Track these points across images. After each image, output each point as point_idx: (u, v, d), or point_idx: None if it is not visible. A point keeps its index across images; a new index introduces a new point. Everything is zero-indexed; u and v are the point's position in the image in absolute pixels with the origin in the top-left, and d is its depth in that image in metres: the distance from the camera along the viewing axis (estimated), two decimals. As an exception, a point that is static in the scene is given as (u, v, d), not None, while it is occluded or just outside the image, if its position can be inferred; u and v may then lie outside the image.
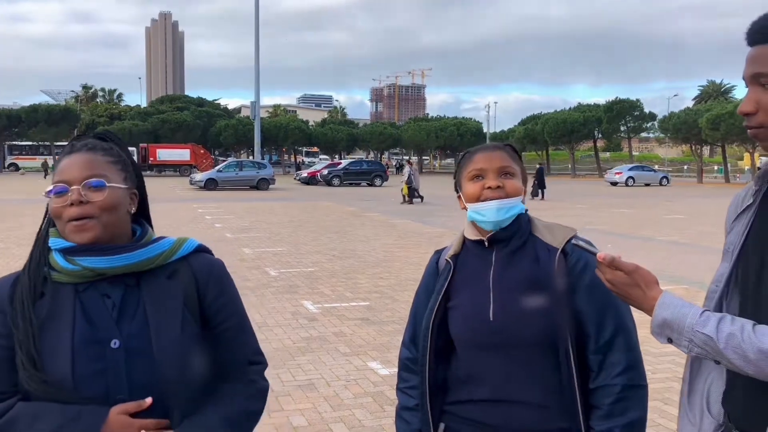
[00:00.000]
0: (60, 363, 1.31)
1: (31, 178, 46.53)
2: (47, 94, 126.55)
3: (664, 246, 12.81)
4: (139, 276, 1.41)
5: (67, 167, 1.39)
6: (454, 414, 1.72)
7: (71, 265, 1.36)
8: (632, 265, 1.34)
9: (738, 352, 1.20)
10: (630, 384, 1.58)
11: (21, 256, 10.69)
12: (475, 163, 1.70)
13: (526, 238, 1.69)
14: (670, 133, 52.11)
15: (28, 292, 1.36)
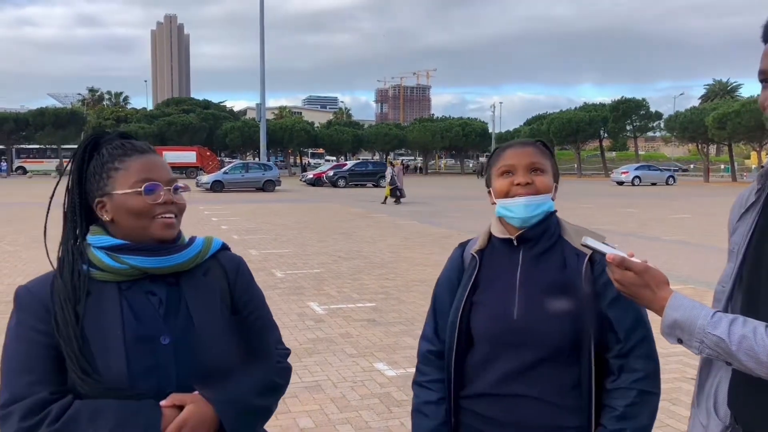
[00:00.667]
0: (114, 361, 1.34)
1: (39, 181, 46.71)
2: (54, 98, 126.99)
3: (671, 246, 12.77)
4: (178, 274, 1.46)
5: (154, 168, 1.44)
6: (466, 408, 1.73)
7: (118, 264, 1.40)
8: (642, 265, 1.33)
9: (750, 354, 1.20)
10: (646, 391, 1.61)
11: (29, 259, 10.74)
12: (505, 159, 1.70)
13: (555, 240, 1.69)
14: (677, 132, 51.90)
15: (67, 292, 1.37)
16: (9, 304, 5.57)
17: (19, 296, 1.41)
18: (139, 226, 1.42)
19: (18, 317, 1.39)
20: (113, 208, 1.43)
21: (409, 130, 74.52)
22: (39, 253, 8.56)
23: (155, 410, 1.34)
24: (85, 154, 1.47)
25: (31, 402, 1.31)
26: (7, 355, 1.37)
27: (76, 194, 1.46)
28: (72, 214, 1.46)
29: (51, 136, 60.41)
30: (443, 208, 22.56)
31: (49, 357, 1.35)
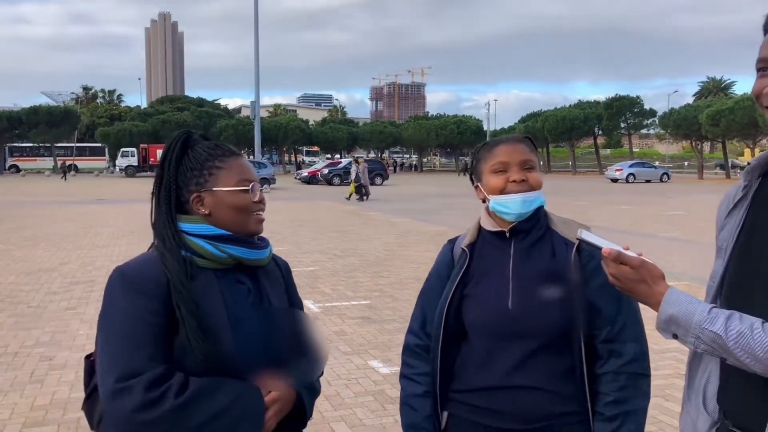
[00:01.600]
0: (224, 339, 1.46)
1: (32, 179, 46.53)
2: (47, 96, 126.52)
3: (665, 242, 12.81)
4: (256, 268, 1.61)
5: (249, 169, 1.60)
6: (459, 401, 1.76)
7: (219, 252, 1.52)
8: (638, 260, 1.33)
9: (747, 350, 1.20)
10: (636, 373, 1.64)
11: (21, 258, 10.70)
12: (498, 156, 1.72)
13: (543, 230, 1.73)
14: (671, 130, 52.12)
15: (183, 276, 1.46)
16: (2, 303, 5.54)
17: (129, 276, 1.47)
18: (238, 221, 1.55)
19: (128, 296, 1.44)
20: (214, 203, 1.55)
21: (404, 128, 74.61)
22: (32, 251, 8.53)
23: (259, 390, 1.49)
24: (179, 151, 1.57)
25: (152, 376, 1.39)
26: (117, 332, 1.43)
27: (173, 187, 1.55)
28: (168, 204, 1.54)
29: (44, 135, 60.20)
30: (438, 206, 22.58)
31: (160, 335, 1.43)
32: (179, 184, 1.56)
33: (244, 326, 1.51)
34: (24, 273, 9.35)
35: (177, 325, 1.44)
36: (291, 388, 1.56)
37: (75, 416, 4.12)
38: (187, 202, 1.55)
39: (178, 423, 1.40)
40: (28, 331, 6.22)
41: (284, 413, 1.55)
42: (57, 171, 57.06)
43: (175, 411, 1.39)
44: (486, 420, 1.71)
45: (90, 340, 5.87)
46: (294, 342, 1.58)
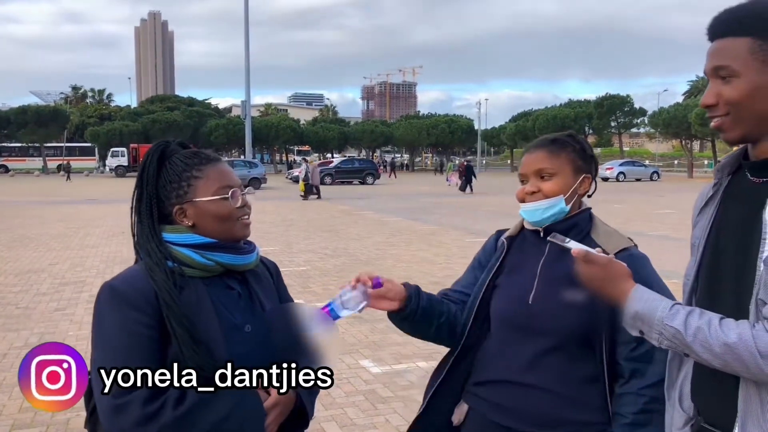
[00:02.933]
0: (216, 349, 1.46)
1: (22, 179, 46.22)
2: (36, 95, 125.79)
3: (656, 241, 12.86)
4: (244, 272, 1.61)
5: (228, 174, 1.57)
6: (475, 395, 1.78)
7: (206, 260, 1.52)
8: (605, 258, 1.39)
9: (705, 345, 1.23)
10: (659, 397, 1.58)
11: (10, 258, 10.62)
12: (521, 167, 1.79)
13: (582, 237, 1.72)
14: (660, 129, 52.32)
15: (170, 288, 1.45)
16: (-11, 304, 5.34)
17: (120, 291, 1.47)
18: (223, 229, 1.54)
19: (120, 311, 1.45)
20: (196, 214, 1.54)
21: (395, 127, 74.59)
22: (21, 252, 8.46)
23: (258, 396, 1.49)
24: (156, 164, 1.56)
25: (148, 390, 1.40)
26: (110, 347, 1.44)
27: (155, 201, 1.54)
28: (150, 218, 1.54)
29: (33, 134, 59.75)
30: (429, 205, 22.58)
31: (154, 348, 1.44)
32: (160, 197, 1.55)
33: (238, 332, 1.51)
34: (13, 274, 9.28)
35: (169, 336, 1.45)
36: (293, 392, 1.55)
37: (64, 417, 4.09)
38: (170, 214, 1.55)
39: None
40: (16, 332, 6.18)
41: (285, 416, 1.55)
42: (56, 171, 56.76)
43: (174, 423, 1.39)
44: (496, 416, 1.71)
45: (79, 342, 5.84)
46: (290, 340, 1.58)
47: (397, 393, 4.66)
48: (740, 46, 1.28)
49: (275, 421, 1.52)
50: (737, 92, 1.29)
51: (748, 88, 1.28)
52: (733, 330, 1.21)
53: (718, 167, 1.44)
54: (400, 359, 5.41)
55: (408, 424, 1.92)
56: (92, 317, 1.50)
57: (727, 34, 1.31)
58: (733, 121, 1.31)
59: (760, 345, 1.19)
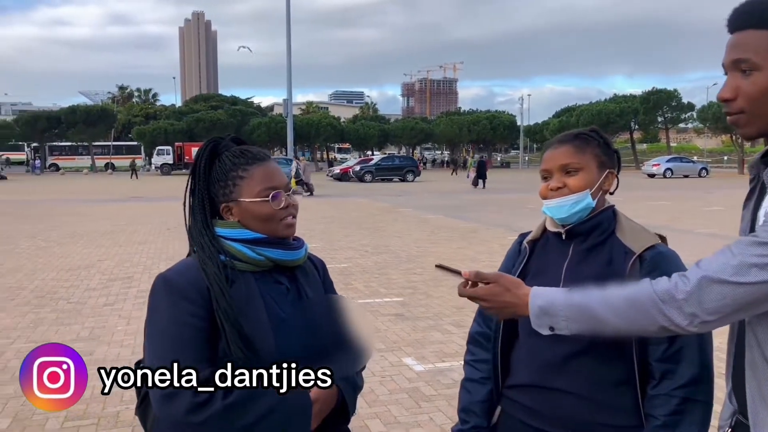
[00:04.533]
0: (264, 342, 1.48)
1: (72, 177, 47.56)
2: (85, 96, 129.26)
3: (704, 239, 12.54)
4: (294, 267, 1.64)
5: (274, 175, 1.59)
6: (508, 398, 1.77)
7: (256, 255, 1.55)
8: (495, 274, 1.43)
9: (610, 309, 1.25)
10: (691, 398, 1.54)
11: (61, 255, 10.95)
12: (543, 163, 1.74)
13: (606, 236, 1.68)
14: (710, 123, 50.97)
15: (222, 281, 1.48)
16: (43, 299, 5.67)
17: (173, 282, 1.50)
18: (266, 229, 1.57)
19: (173, 302, 1.47)
20: (240, 212, 1.57)
21: (435, 124, 74.34)
22: (72, 248, 8.68)
23: (305, 390, 1.50)
24: (207, 161, 1.59)
25: (200, 377, 1.42)
26: (163, 337, 1.47)
27: (206, 197, 1.58)
28: (202, 213, 1.57)
29: (82, 134, 61.48)
30: (470, 202, 22.45)
31: (204, 339, 1.46)
32: (210, 193, 1.59)
33: (286, 325, 1.53)
34: (64, 269, 9.56)
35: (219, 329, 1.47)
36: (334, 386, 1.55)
37: (114, 410, 4.19)
38: (219, 210, 1.59)
39: (227, 424, 1.42)
40: (68, 326, 6.36)
41: (327, 411, 1.56)
42: (103, 169, 58.60)
43: (223, 412, 1.41)
44: (529, 419, 1.70)
45: (127, 336, 5.99)
46: (336, 334, 1.60)
47: (440, 391, 4.64)
48: (762, 40, 1.24)
49: (317, 416, 1.53)
50: (756, 87, 1.26)
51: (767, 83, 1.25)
52: (632, 285, 1.26)
53: (750, 163, 1.43)
54: (442, 357, 5.38)
55: (453, 422, 1.91)
56: (147, 307, 1.53)
57: (748, 27, 1.27)
58: (750, 116, 1.29)
59: (658, 288, 1.20)
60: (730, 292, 1.17)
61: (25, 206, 21.49)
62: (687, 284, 1.19)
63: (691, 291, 1.18)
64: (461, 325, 6.20)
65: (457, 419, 1.87)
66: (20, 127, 63.53)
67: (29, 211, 19.45)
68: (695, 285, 1.18)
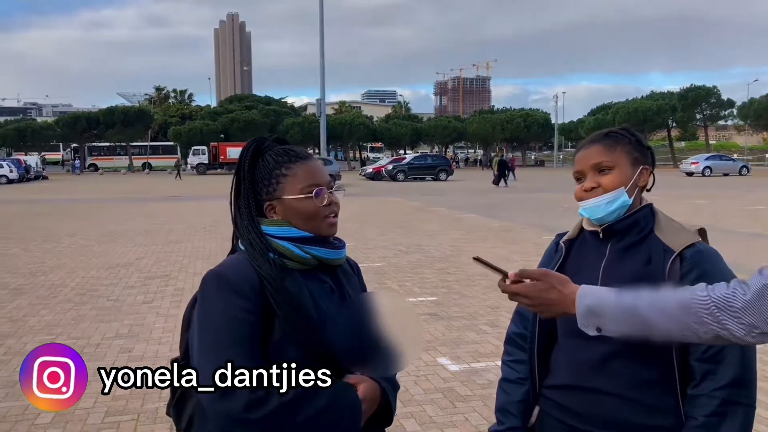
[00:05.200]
0: (313, 338, 1.49)
1: (110, 177, 48.54)
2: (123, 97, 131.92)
3: (746, 238, 12.24)
4: (334, 267, 1.65)
5: (317, 173, 1.61)
6: (547, 398, 1.76)
7: (303, 253, 1.56)
8: (541, 270, 1.38)
9: (662, 312, 1.20)
10: (731, 400, 1.50)
11: (101, 253, 11.18)
12: (576, 164, 1.73)
13: (645, 234, 1.66)
14: (751, 120, 49.79)
15: (276, 275, 1.49)
16: (84, 296, 5.76)
17: (226, 278, 1.50)
18: (309, 227, 1.58)
19: (226, 297, 1.48)
20: (283, 210, 1.58)
21: (468, 123, 73.96)
22: (111, 247, 8.82)
23: (354, 389, 1.52)
24: (251, 160, 1.60)
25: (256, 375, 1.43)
26: (216, 331, 1.46)
27: (251, 195, 1.59)
28: (248, 210, 1.58)
29: (120, 134, 62.81)
30: (503, 201, 22.28)
31: (256, 335, 1.47)
32: (255, 192, 1.60)
33: (332, 323, 1.53)
34: (104, 268, 9.75)
35: (271, 325, 1.48)
36: (376, 384, 1.56)
37: (153, 407, 4.26)
38: (263, 208, 1.60)
39: (283, 422, 1.42)
40: (108, 323, 6.48)
41: (371, 411, 1.56)
42: (140, 169, 59.81)
43: (279, 410, 1.42)
44: (569, 419, 1.69)
45: (165, 333, 6.08)
46: (378, 334, 1.59)
47: (475, 392, 4.61)
48: None
49: (364, 415, 1.52)
50: None
51: None
52: (686, 290, 1.21)
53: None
54: (477, 357, 5.34)
55: (488, 423, 1.90)
56: (197, 303, 1.53)
57: None
58: None
59: (714, 296, 1.15)
60: None
61: (66, 205, 22.00)
62: (746, 293, 1.14)
63: (751, 300, 1.13)
64: (496, 325, 6.14)
65: (494, 419, 1.87)
66: (61, 128, 65.19)
67: (70, 210, 19.92)
68: (756, 294, 1.13)
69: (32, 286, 8.30)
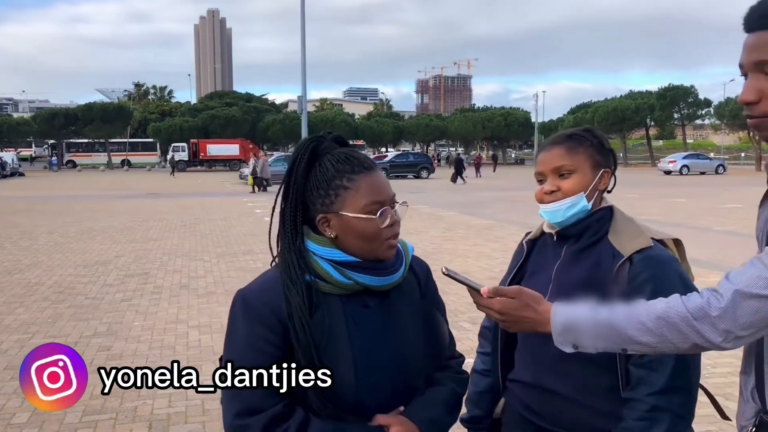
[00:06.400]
0: (344, 375, 1.36)
1: (88, 174, 47.99)
2: (102, 93, 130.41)
3: (722, 236, 12.42)
4: None
5: (382, 189, 1.44)
6: (511, 391, 1.80)
7: (344, 279, 1.40)
8: (516, 288, 1.36)
9: (638, 326, 1.20)
10: (660, 406, 1.50)
11: (79, 250, 11.05)
12: (537, 166, 1.73)
13: (598, 238, 1.66)
14: (727, 120, 50.49)
15: (303, 307, 1.36)
16: (62, 295, 5.71)
17: (251, 305, 1.40)
18: (366, 249, 1.41)
19: (250, 324, 1.38)
20: (340, 227, 1.40)
21: (449, 121, 74.16)
22: (89, 244, 8.73)
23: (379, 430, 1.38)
24: (307, 163, 1.42)
25: (270, 415, 1.34)
26: (238, 358, 1.37)
27: (300, 204, 1.42)
28: (293, 223, 1.42)
29: (99, 131, 61.99)
30: (485, 199, 22.38)
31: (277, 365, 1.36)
32: (306, 201, 1.42)
33: (370, 358, 1.40)
34: (81, 265, 9.65)
35: None
36: (415, 428, 1.41)
37: (132, 405, 4.23)
38: (314, 219, 1.43)
39: None
40: (86, 321, 6.42)
41: None
42: (120, 166, 59.22)
43: None
44: (529, 415, 1.72)
45: (144, 331, 6.05)
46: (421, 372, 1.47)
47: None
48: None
49: None
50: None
51: None
52: (661, 301, 1.20)
53: (766, 163, 1.40)
54: (457, 354, 5.37)
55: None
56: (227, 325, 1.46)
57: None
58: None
59: (690, 306, 1.16)
60: (765, 306, 1.14)
61: (43, 202, 21.73)
62: (720, 301, 1.15)
63: (725, 308, 1.15)
64: (476, 322, 6.16)
65: None
66: (38, 124, 64.26)
67: (47, 207, 19.66)
68: (729, 301, 1.15)
69: (8, 285, 8.20)
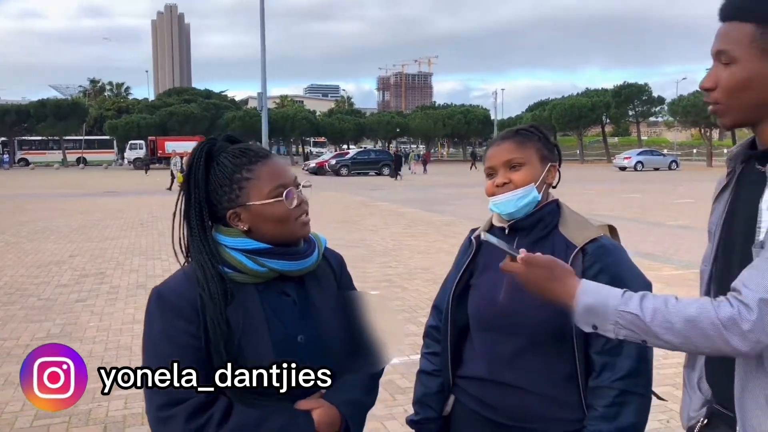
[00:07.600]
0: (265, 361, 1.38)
1: (42, 172, 46.76)
2: (55, 89, 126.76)
3: (674, 231, 12.76)
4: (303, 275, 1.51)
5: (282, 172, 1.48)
6: (462, 388, 1.80)
7: (258, 266, 1.43)
8: (549, 258, 1.37)
9: (665, 325, 1.21)
10: (628, 390, 1.57)
11: (31, 251, 10.77)
12: (488, 161, 1.76)
13: (549, 230, 1.71)
14: (679, 117, 51.74)
15: (217, 296, 1.39)
16: (13, 296, 5.58)
17: (167, 298, 1.42)
18: (281, 231, 1.45)
19: (167, 319, 1.40)
20: (251, 217, 1.44)
21: (411, 118, 74.36)
22: (42, 244, 8.54)
23: (311, 419, 1.42)
24: (204, 165, 1.45)
25: (194, 404, 1.36)
26: (158, 354, 1.39)
27: (205, 205, 1.45)
28: (200, 224, 1.45)
29: (53, 128, 60.43)
30: (446, 196, 22.55)
31: (199, 357, 1.38)
32: (212, 201, 1.46)
33: (290, 343, 1.43)
34: (34, 266, 9.41)
35: None
36: (335, 410, 1.46)
37: (86, 408, 4.15)
38: (224, 217, 1.46)
39: None
40: (38, 323, 6.27)
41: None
42: (75, 164, 57.69)
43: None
44: (483, 411, 1.74)
45: (100, 332, 5.93)
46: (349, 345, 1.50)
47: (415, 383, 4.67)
48: (743, 32, 1.27)
49: None
50: (732, 79, 1.29)
51: (743, 76, 1.27)
52: (692, 304, 1.20)
53: (729, 156, 1.45)
54: (417, 350, 5.37)
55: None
56: (143, 323, 1.47)
57: (734, 18, 1.29)
58: (726, 107, 1.32)
59: (721, 315, 1.17)
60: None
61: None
62: (750, 313, 1.16)
63: (756, 320, 1.16)
64: (436, 318, 6.23)
65: None
66: (-12, 120, 62.26)
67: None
68: (758, 312, 1.16)
69: (-43, 286, 7.96)
